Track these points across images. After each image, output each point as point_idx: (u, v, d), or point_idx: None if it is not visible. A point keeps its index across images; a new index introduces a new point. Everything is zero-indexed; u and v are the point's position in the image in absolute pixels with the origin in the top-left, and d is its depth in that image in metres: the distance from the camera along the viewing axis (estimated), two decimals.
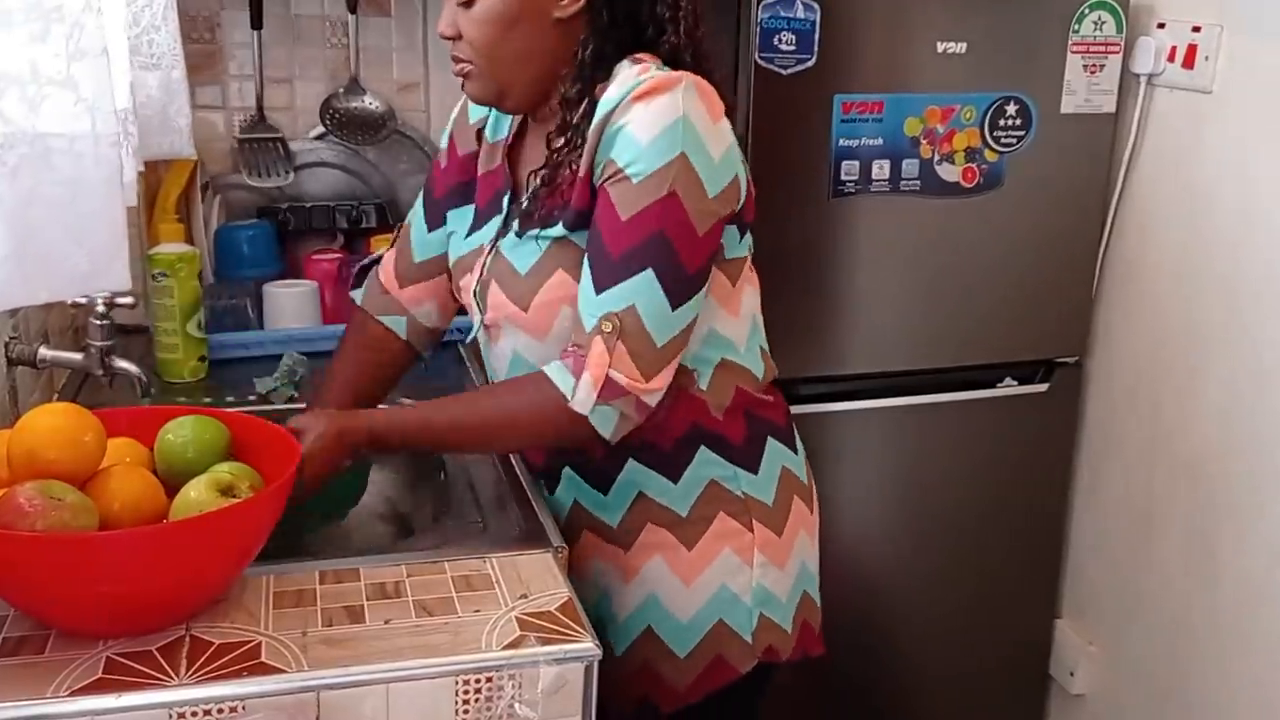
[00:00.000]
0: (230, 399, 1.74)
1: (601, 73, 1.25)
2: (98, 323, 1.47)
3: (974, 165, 2.10)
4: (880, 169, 2.03)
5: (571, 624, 1.12)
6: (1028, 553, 2.37)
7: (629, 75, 1.22)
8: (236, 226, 2.11)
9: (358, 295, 1.57)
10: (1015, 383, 2.26)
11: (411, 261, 1.51)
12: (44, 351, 1.47)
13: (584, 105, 1.24)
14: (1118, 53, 2.13)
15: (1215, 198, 2.03)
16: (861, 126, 2.01)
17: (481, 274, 1.35)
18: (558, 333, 1.27)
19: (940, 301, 2.15)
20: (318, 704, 1.03)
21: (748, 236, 1.34)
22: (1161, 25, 2.11)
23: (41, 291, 1.12)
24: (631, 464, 1.34)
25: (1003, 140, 2.10)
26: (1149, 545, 2.21)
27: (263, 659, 1.05)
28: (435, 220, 1.49)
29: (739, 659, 1.36)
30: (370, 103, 2.23)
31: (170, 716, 1.00)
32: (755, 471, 1.36)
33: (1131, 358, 2.24)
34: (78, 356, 1.49)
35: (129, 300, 1.47)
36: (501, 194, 1.37)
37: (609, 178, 1.20)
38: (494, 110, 1.40)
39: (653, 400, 1.23)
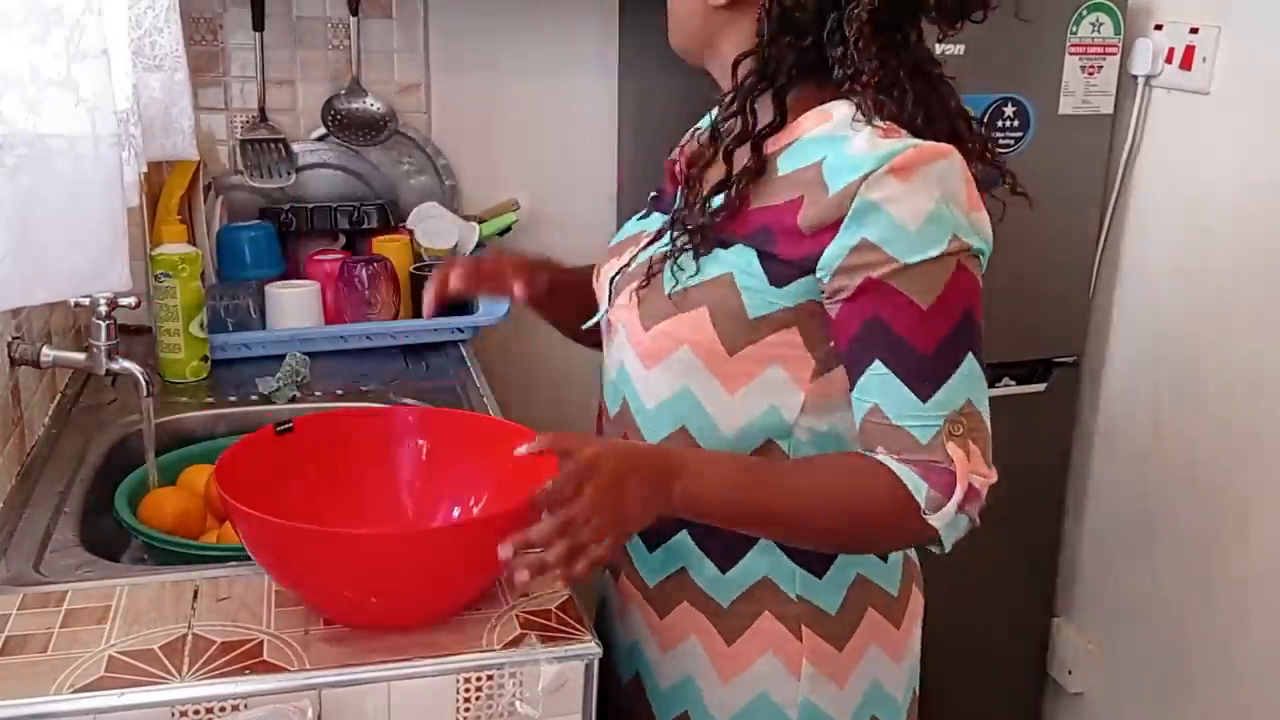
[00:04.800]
0: (232, 399, 1.75)
1: (785, 82, 1.08)
2: (100, 323, 1.47)
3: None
4: None
5: (572, 623, 1.13)
6: (1025, 552, 2.37)
7: (865, 138, 1.04)
8: (239, 227, 2.11)
9: None
10: (1013, 382, 2.26)
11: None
12: (47, 351, 1.47)
13: (764, 119, 1.09)
14: (1116, 54, 2.14)
15: (1213, 199, 2.03)
16: None
17: (625, 266, 1.21)
18: (666, 366, 1.13)
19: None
20: (319, 702, 1.03)
21: None
22: (1159, 27, 2.12)
23: (41, 292, 1.12)
24: (684, 535, 1.17)
25: (1001, 141, 2.11)
26: (1147, 544, 2.21)
27: (264, 657, 1.05)
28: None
29: None
30: (372, 104, 2.23)
31: (172, 714, 1.00)
32: (820, 575, 1.17)
33: (1129, 358, 2.24)
34: (80, 356, 1.50)
35: (131, 300, 1.48)
36: (674, 191, 1.24)
37: (868, 263, 1.03)
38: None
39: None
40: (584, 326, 1.27)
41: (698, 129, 1.31)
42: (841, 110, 1.08)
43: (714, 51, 1.16)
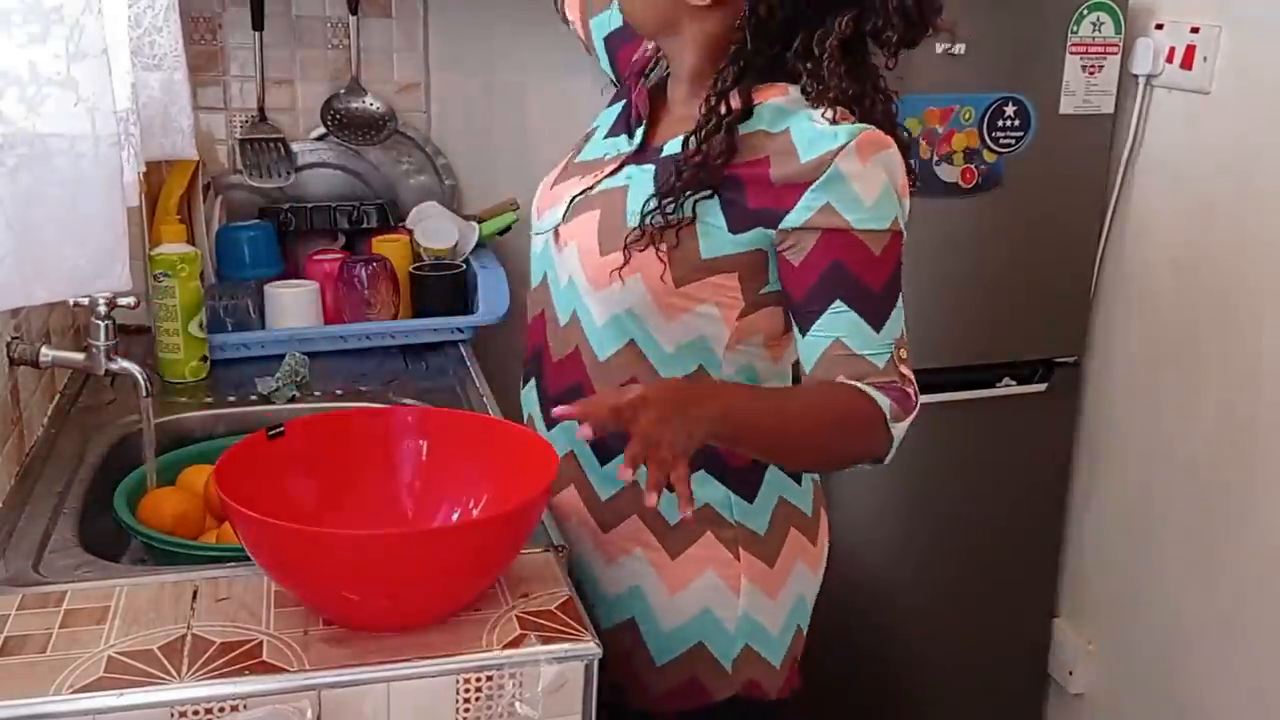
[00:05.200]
0: (232, 399, 1.75)
1: (757, 70, 1.24)
2: (99, 323, 1.47)
3: (973, 166, 2.10)
4: None
5: (572, 623, 1.13)
6: (1026, 552, 2.37)
7: (828, 115, 1.21)
8: (238, 227, 2.11)
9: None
10: (1014, 382, 2.26)
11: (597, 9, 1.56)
12: (46, 351, 1.47)
13: (734, 99, 1.23)
14: (1116, 53, 2.14)
15: (1213, 198, 2.03)
16: None
17: (592, 189, 1.34)
18: (609, 294, 1.27)
19: (939, 302, 2.16)
20: (318, 703, 1.03)
21: None
22: (1160, 26, 2.11)
23: (41, 291, 1.12)
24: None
25: (1001, 141, 2.11)
26: (1148, 544, 2.21)
27: (264, 658, 1.05)
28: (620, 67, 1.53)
29: (715, 686, 1.34)
30: (371, 103, 2.23)
31: (172, 715, 1.00)
32: (750, 500, 1.34)
33: (1130, 357, 2.24)
34: (79, 356, 1.49)
35: (131, 300, 1.48)
36: (635, 123, 1.36)
37: (830, 224, 1.20)
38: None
39: None
40: (536, 231, 1.39)
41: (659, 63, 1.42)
42: (795, 92, 1.25)
43: (674, 32, 1.30)
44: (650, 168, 1.30)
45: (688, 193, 1.23)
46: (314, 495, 1.23)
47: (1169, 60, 2.09)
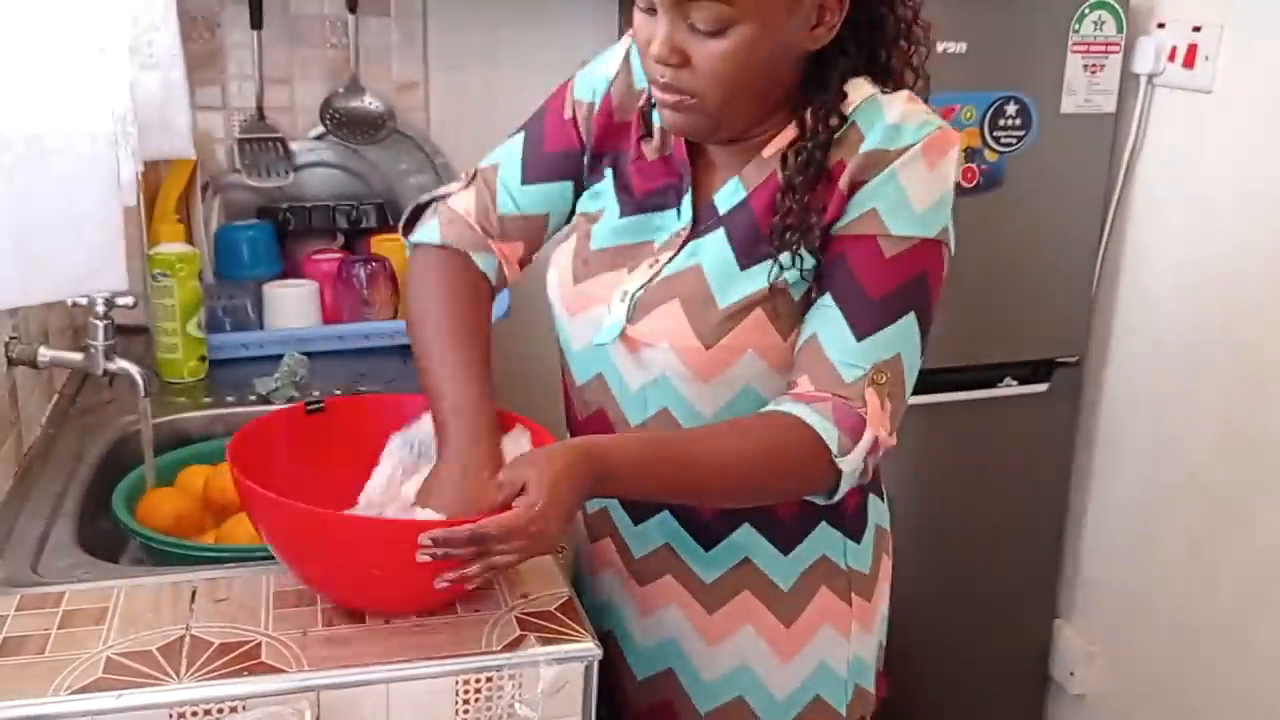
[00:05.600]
0: (230, 399, 1.74)
1: (839, 95, 1.13)
2: (98, 323, 1.47)
3: (974, 165, 2.10)
4: None
5: (572, 624, 1.12)
6: (1028, 553, 2.37)
7: (900, 107, 1.12)
8: (236, 226, 2.11)
9: (427, 233, 1.28)
10: (1015, 383, 2.26)
11: (494, 211, 1.28)
12: (44, 351, 1.47)
13: (826, 139, 1.13)
14: (1118, 52, 2.13)
15: (1215, 198, 2.03)
16: None
17: (650, 280, 1.18)
18: (727, 375, 1.15)
19: (940, 302, 2.15)
20: (318, 704, 1.03)
21: None
22: (1162, 25, 2.11)
23: (38, 291, 1.12)
24: (747, 528, 1.23)
25: (1003, 140, 2.10)
26: (1149, 546, 2.21)
27: (263, 659, 1.05)
28: (538, 174, 1.28)
29: None
30: (370, 103, 2.22)
31: (170, 716, 1.00)
32: (859, 540, 1.27)
33: (1131, 358, 2.24)
34: (78, 356, 1.49)
35: (129, 300, 1.47)
36: (678, 191, 1.21)
37: (866, 229, 1.11)
38: None
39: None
40: (597, 343, 1.22)
41: (630, 71, 1.26)
42: (859, 85, 1.14)
43: (761, 114, 1.15)
44: (718, 231, 1.17)
45: (793, 247, 1.12)
46: (327, 477, 1.20)
47: (1171, 59, 2.09)
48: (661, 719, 1.32)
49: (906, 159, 1.09)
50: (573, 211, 1.30)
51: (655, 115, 1.22)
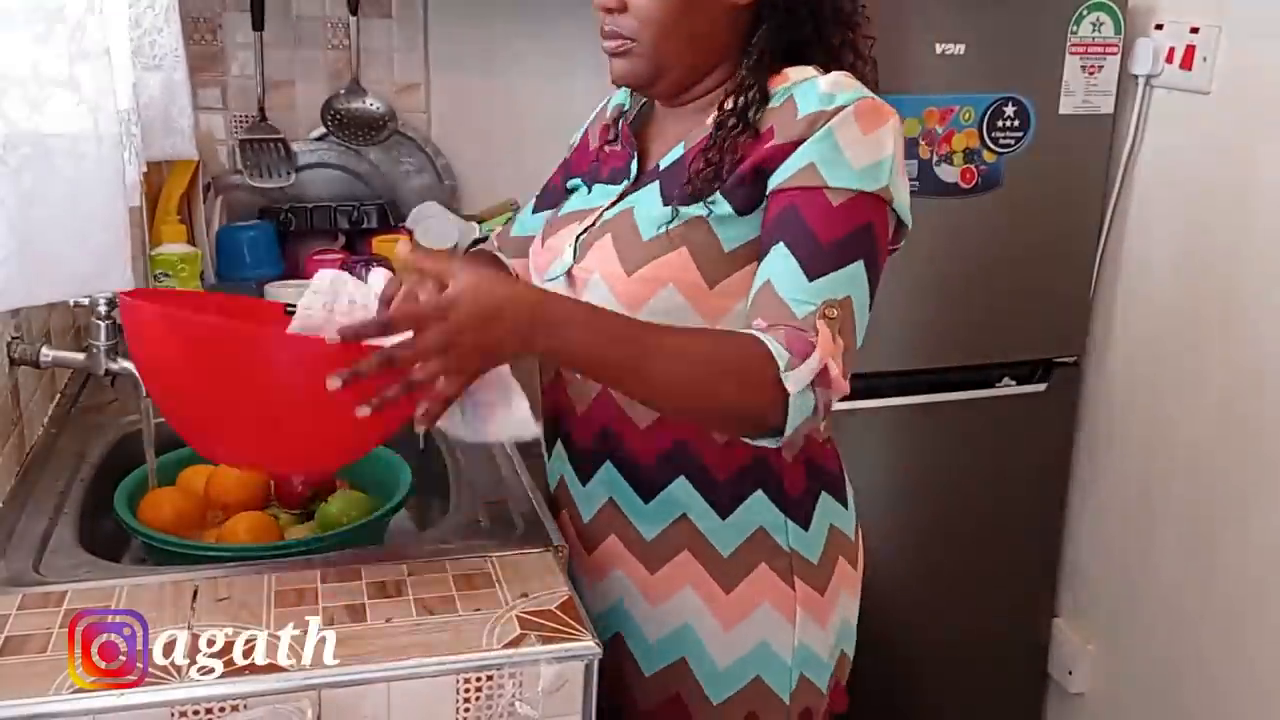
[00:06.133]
0: None
1: (775, 66, 1.23)
2: (100, 323, 1.47)
3: (972, 166, 2.10)
4: None
5: (572, 623, 1.13)
6: (1026, 552, 2.37)
7: (833, 78, 1.20)
8: (238, 227, 2.12)
9: None
10: (1014, 382, 2.26)
11: (509, 233, 1.53)
12: (46, 352, 1.47)
13: (754, 94, 1.21)
14: (1116, 54, 2.14)
15: (1213, 198, 2.03)
16: None
17: (594, 224, 1.29)
18: (649, 307, 1.20)
19: (939, 302, 2.16)
20: (318, 703, 1.03)
21: None
22: (1160, 26, 2.12)
23: (43, 292, 1.12)
24: (682, 481, 1.26)
25: (1001, 141, 2.11)
26: (1147, 544, 2.21)
27: (264, 658, 1.05)
28: (545, 203, 1.47)
29: (774, 718, 1.31)
30: (371, 104, 2.23)
31: (172, 715, 1.00)
32: (805, 527, 1.29)
33: (1129, 358, 2.25)
34: (80, 356, 1.50)
35: None
36: (627, 162, 1.32)
37: (806, 182, 1.16)
38: (630, 97, 1.39)
39: (833, 404, 1.13)
40: (547, 279, 1.30)
41: (605, 108, 1.43)
42: (802, 70, 1.23)
43: (696, 69, 1.25)
44: (654, 184, 1.27)
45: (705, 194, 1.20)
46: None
47: (1169, 60, 2.09)
48: (609, 681, 1.28)
49: (840, 119, 1.16)
50: None
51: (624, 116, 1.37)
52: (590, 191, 1.36)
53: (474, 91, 2.30)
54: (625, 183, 1.31)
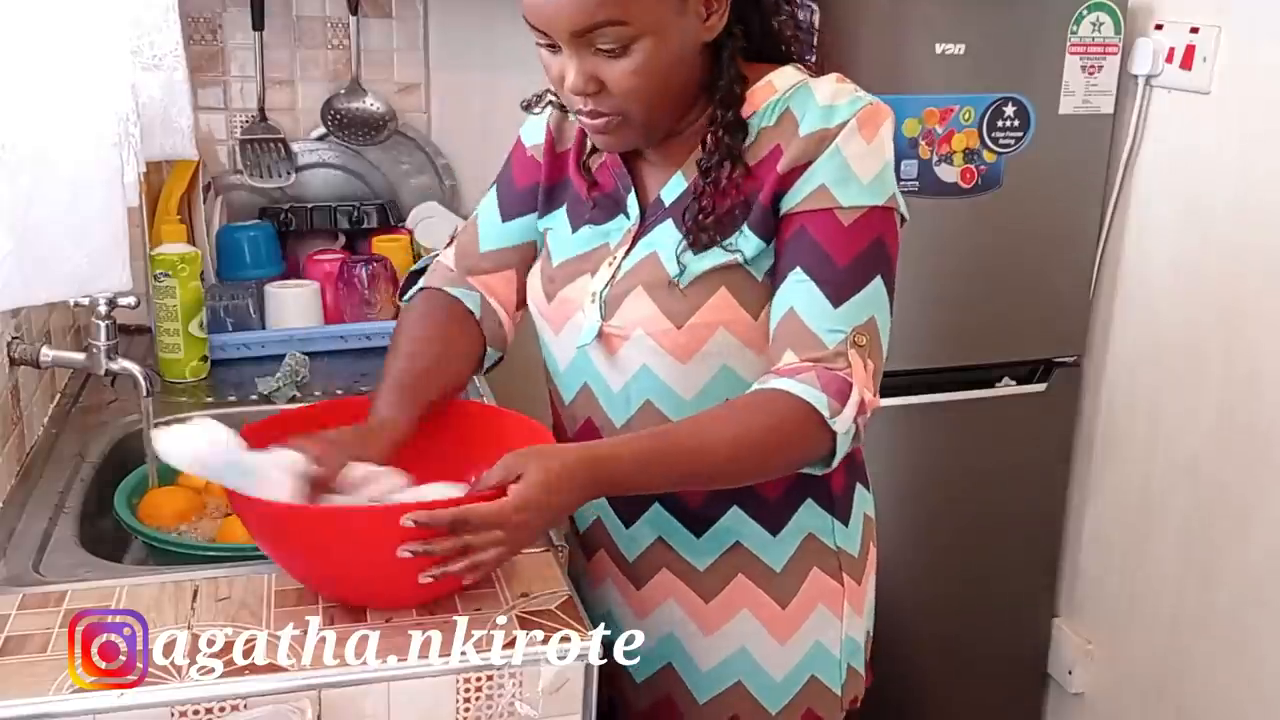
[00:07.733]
0: (232, 399, 1.75)
1: (743, 85, 1.19)
2: (100, 323, 1.47)
3: (972, 166, 2.10)
4: None
5: (572, 623, 1.13)
6: (1026, 552, 2.37)
7: (829, 87, 1.18)
8: (238, 227, 2.11)
9: (416, 288, 1.40)
10: (1013, 382, 2.26)
11: (477, 251, 1.37)
12: (46, 351, 1.47)
13: (733, 122, 1.18)
14: (1116, 54, 2.14)
15: (1213, 198, 2.03)
16: None
17: (613, 277, 1.23)
18: (703, 354, 1.19)
19: (939, 302, 2.16)
20: (319, 702, 1.03)
21: None
22: (1159, 26, 2.11)
23: (42, 292, 1.13)
24: (734, 511, 1.26)
25: (1001, 141, 2.11)
26: (1147, 544, 2.21)
27: (264, 658, 1.05)
28: (515, 209, 1.36)
29: (828, 712, 1.33)
30: (371, 103, 2.23)
31: (172, 715, 1.00)
32: (847, 523, 1.31)
33: (1129, 358, 2.24)
34: (80, 356, 1.50)
35: (131, 300, 1.48)
36: (620, 196, 1.26)
37: (819, 204, 1.15)
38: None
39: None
40: (579, 346, 1.24)
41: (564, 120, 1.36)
42: (786, 74, 1.21)
43: (682, 110, 1.21)
44: (666, 222, 1.22)
45: (719, 237, 1.17)
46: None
47: (1168, 60, 2.09)
48: (662, 715, 1.33)
49: (845, 134, 1.15)
50: None
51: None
52: (575, 232, 1.29)
53: (474, 91, 2.30)
54: (629, 224, 1.25)
